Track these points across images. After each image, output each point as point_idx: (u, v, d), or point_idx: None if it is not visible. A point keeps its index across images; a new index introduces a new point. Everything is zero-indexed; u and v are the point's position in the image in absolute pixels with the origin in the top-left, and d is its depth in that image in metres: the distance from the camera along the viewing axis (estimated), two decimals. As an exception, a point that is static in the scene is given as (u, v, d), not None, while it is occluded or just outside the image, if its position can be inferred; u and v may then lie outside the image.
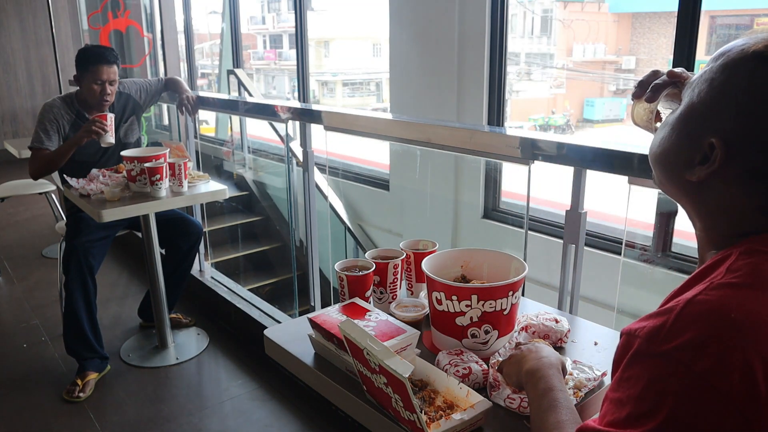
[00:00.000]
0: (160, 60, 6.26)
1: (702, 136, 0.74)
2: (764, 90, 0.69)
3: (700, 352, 0.63)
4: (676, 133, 0.79)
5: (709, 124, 0.74)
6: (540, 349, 1.00)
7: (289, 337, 1.30)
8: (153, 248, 2.79)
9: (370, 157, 5.20)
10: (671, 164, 0.79)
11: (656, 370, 0.66)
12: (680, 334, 0.65)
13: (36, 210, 5.35)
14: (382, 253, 1.44)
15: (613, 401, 0.70)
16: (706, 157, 0.74)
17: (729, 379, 0.62)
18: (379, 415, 1.03)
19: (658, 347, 0.66)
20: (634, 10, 6.03)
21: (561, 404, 0.87)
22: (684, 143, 0.77)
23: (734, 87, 0.72)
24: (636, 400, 0.66)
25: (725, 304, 0.65)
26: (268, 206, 5.08)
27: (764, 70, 0.70)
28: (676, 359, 0.64)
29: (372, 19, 9.44)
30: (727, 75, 0.73)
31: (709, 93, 0.74)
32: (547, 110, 7.02)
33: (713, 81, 0.74)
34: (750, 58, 0.71)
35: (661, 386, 0.65)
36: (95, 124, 2.51)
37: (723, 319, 0.64)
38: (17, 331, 3.24)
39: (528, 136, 1.67)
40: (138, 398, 2.62)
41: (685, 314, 0.66)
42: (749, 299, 0.65)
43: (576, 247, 1.63)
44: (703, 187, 0.76)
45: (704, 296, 0.67)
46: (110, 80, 2.67)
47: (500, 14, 3.54)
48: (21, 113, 7.44)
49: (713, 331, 0.64)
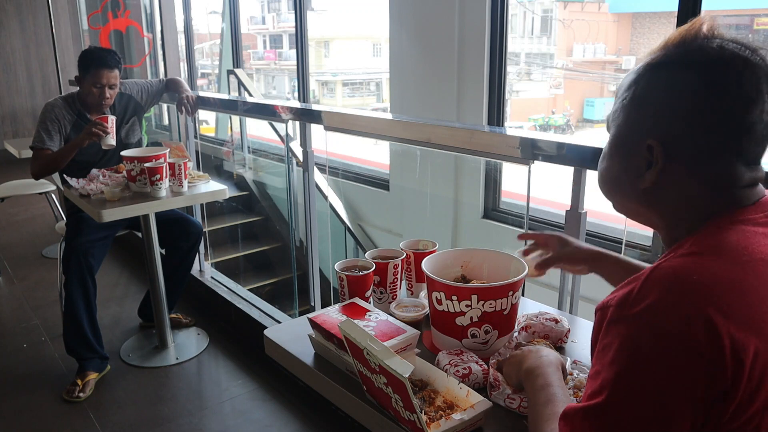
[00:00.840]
0: (160, 60, 6.26)
1: (639, 145, 0.80)
2: (675, 90, 0.77)
3: (668, 312, 0.67)
4: (616, 156, 0.85)
5: (641, 132, 0.80)
6: (540, 350, 1.02)
7: (289, 337, 1.30)
8: (153, 248, 2.79)
9: (370, 157, 5.20)
10: (623, 183, 0.84)
11: (626, 332, 0.69)
12: (647, 297, 0.69)
13: (36, 210, 5.35)
14: (382, 253, 1.44)
15: (591, 377, 0.73)
16: (650, 161, 0.79)
17: (696, 337, 0.65)
18: (379, 415, 1.03)
19: (628, 311, 0.70)
20: (634, 10, 6.03)
21: (558, 398, 0.88)
22: (626, 160, 0.83)
23: (650, 95, 0.79)
24: (609, 366, 0.70)
25: (688, 268, 0.70)
26: (268, 206, 5.08)
27: (667, 73, 0.78)
28: (644, 320, 0.68)
29: (372, 19, 9.45)
30: (641, 88, 0.81)
31: (631, 110, 0.82)
32: (547, 110, 7.02)
33: (633, 99, 0.81)
34: (653, 68, 0.80)
35: (631, 347, 0.69)
36: (96, 126, 2.51)
37: (686, 281, 0.68)
38: (17, 331, 3.24)
39: (528, 136, 1.67)
40: (138, 398, 2.62)
41: (651, 279, 0.70)
42: (710, 264, 0.70)
43: (576, 247, 1.63)
44: (657, 188, 0.80)
45: (668, 263, 0.72)
46: (110, 84, 2.67)
47: (500, 14, 3.54)
48: (21, 113, 7.44)
49: (678, 293, 0.68)
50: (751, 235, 0.74)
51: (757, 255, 0.72)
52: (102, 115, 2.60)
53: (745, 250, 0.72)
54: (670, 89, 0.77)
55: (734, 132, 0.75)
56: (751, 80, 0.73)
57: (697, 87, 0.75)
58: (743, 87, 0.73)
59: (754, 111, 0.74)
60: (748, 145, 0.76)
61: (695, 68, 0.75)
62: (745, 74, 0.73)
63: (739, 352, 0.66)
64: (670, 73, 0.78)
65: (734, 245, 0.72)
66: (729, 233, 0.74)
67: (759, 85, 0.74)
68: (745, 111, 0.74)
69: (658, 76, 0.79)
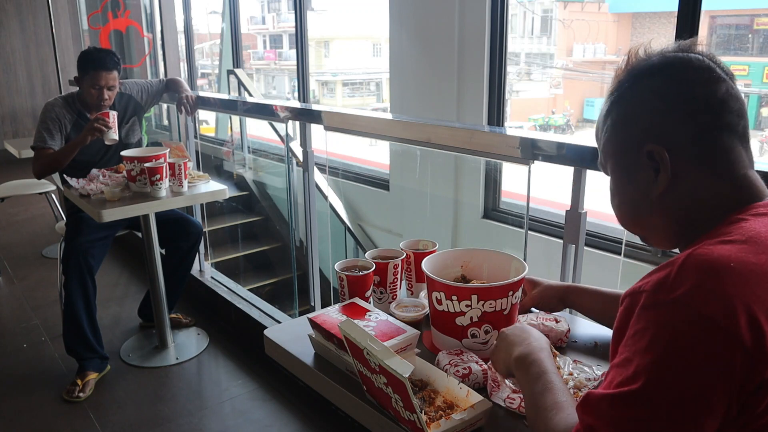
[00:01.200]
0: (160, 60, 6.26)
1: (639, 160, 0.83)
2: (646, 97, 0.83)
3: (708, 297, 0.66)
4: (624, 183, 0.88)
5: (635, 148, 0.83)
6: (527, 335, 0.99)
7: (289, 337, 1.30)
8: (153, 248, 2.79)
9: (370, 157, 5.20)
10: (641, 202, 0.86)
11: (665, 317, 0.68)
12: (685, 282, 0.68)
13: (36, 210, 5.35)
14: (382, 253, 1.44)
15: (619, 364, 0.71)
16: (656, 167, 0.82)
17: (737, 321, 0.65)
18: (379, 415, 1.03)
19: (665, 296, 0.69)
20: (634, 10, 6.03)
21: (556, 386, 0.87)
22: (634, 181, 0.86)
23: (628, 114, 0.85)
24: (643, 352, 0.68)
25: (724, 255, 0.70)
26: (268, 206, 5.08)
27: (631, 92, 0.85)
28: (684, 304, 0.67)
29: (372, 19, 9.45)
30: (616, 114, 0.86)
31: (617, 136, 0.87)
32: (547, 110, 7.02)
33: (614, 126, 0.86)
34: (617, 98, 0.86)
35: (671, 333, 0.67)
36: (98, 122, 2.52)
37: (725, 267, 0.68)
38: (17, 331, 3.24)
39: (528, 136, 1.67)
40: (138, 398, 2.62)
41: (688, 264, 0.70)
42: (744, 251, 0.71)
43: (576, 247, 1.63)
44: (673, 188, 0.82)
45: (703, 249, 0.72)
46: (108, 86, 2.67)
47: (500, 14, 3.54)
48: (21, 113, 7.44)
49: (716, 278, 0.67)
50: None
51: None
52: (103, 111, 2.60)
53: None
54: (642, 98, 0.84)
55: (713, 110, 0.80)
56: (702, 68, 0.81)
57: (663, 87, 0.82)
58: (698, 73, 0.81)
59: (720, 89, 0.80)
60: (730, 117, 0.81)
61: (653, 75, 0.83)
62: (694, 66, 0.82)
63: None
64: (634, 91, 0.85)
65: (763, 235, 0.73)
66: (754, 224, 0.75)
67: (710, 69, 0.81)
68: (712, 90, 0.80)
69: (625, 98, 0.86)
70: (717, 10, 4.47)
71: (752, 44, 4.60)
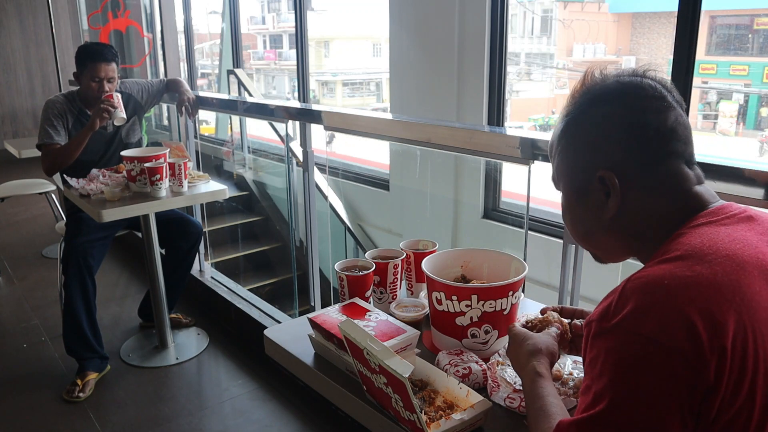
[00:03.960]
0: (160, 60, 6.26)
1: (590, 182, 0.86)
2: (599, 124, 0.85)
3: (644, 318, 0.71)
4: (575, 204, 0.90)
5: (587, 171, 0.86)
6: (534, 349, 0.97)
7: (289, 337, 1.30)
8: (153, 248, 2.79)
9: (370, 157, 5.20)
10: (592, 223, 0.89)
11: (609, 343, 0.72)
12: (624, 307, 0.72)
13: (36, 210, 5.35)
14: (382, 253, 1.44)
15: (582, 392, 0.76)
16: (607, 192, 0.85)
17: (675, 336, 0.68)
18: (379, 415, 1.03)
19: (608, 323, 0.73)
20: (634, 10, 6.03)
21: (551, 411, 0.87)
22: (585, 202, 0.88)
23: (580, 137, 0.87)
24: (597, 378, 0.73)
25: (658, 275, 0.74)
26: (268, 206, 5.08)
27: (586, 116, 0.87)
28: (623, 329, 0.71)
29: (372, 19, 9.45)
30: (570, 135, 0.89)
31: (569, 158, 0.89)
32: (547, 110, 7.02)
33: (567, 148, 0.89)
34: (572, 118, 0.88)
35: (616, 356, 0.71)
36: (104, 103, 2.54)
37: (658, 286, 0.72)
38: (17, 331, 3.24)
39: (528, 136, 1.67)
40: (138, 398, 2.62)
41: (626, 290, 0.74)
42: (678, 267, 0.74)
43: (576, 247, 1.63)
44: (623, 212, 0.85)
45: (640, 273, 0.76)
46: (108, 78, 2.67)
47: (500, 14, 3.54)
48: (21, 113, 7.44)
49: (651, 298, 0.71)
50: (714, 234, 0.78)
51: (722, 252, 0.75)
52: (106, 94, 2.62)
53: (709, 250, 0.75)
54: (594, 124, 0.86)
55: (663, 138, 0.83)
56: (654, 96, 0.84)
57: (616, 113, 0.84)
58: (650, 101, 0.83)
59: (669, 117, 0.83)
60: (678, 145, 0.84)
61: (607, 101, 0.85)
62: (647, 94, 0.84)
63: (720, 339, 0.68)
64: (589, 115, 0.87)
65: (698, 247, 0.76)
66: (691, 238, 0.78)
67: (661, 98, 0.84)
68: (663, 118, 0.83)
69: (580, 121, 0.88)
70: (717, 10, 4.46)
71: (752, 44, 4.60)
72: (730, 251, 0.75)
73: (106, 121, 2.58)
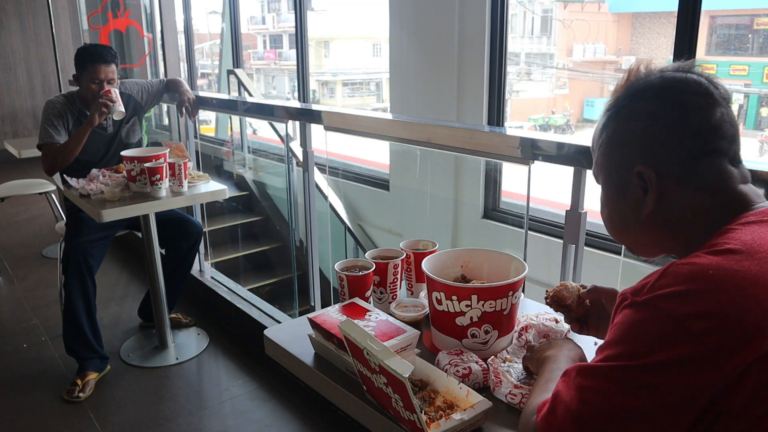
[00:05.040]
0: (160, 60, 6.26)
1: (629, 178, 0.86)
2: (642, 119, 0.84)
3: (679, 300, 0.70)
4: (613, 198, 0.90)
5: (626, 166, 0.86)
6: (564, 343, 1.06)
7: (289, 337, 1.30)
8: (153, 248, 2.78)
9: (370, 157, 5.20)
10: (630, 219, 0.89)
11: (637, 315, 0.73)
12: (662, 287, 0.73)
13: (36, 210, 5.35)
14: (382, 253, 1.44)
15: (597, 350, 0.78)
16: (645, 188, 0.84)
17: (705, 324, 0.68)
18: (379, 415, 1.03)
19: (641, 297, 0.73)
20: (634, 10, 6.03)
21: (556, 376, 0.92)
22: (624, 197, 0.88)
23: (622, 132, 0.87)
24: (615, 343, 0.74)
25: (704, 264, 0.73)
26: (268, 206, 5.08)
27: (629, 110, 0.86)
28: (655, 306, 0.72)
29: (372, 19, 9.45)
30: (612, 130, 0.88)
31: (610, 152, 0.88)
32: (547, 110, 7.02)
33: (608, 142, 0.88)
34: (616, 112, 0.87)
35: (640, 329, 0.72)
36: (102, 98, 2.55)
37: (702, 276, 0.71)
38: (17, 331, 3.24)
39: (528, 136, 1.67)
40: (138, 398, 2.62)
41: (668, 272, 0.74)
42: (727, 260, 0.73)
43: (576, 247, 1.63)
44: (661, 209, 0.84)
45: (686, 260, 0.76)
46: (108, 79, 2.67)
47: (500, 14, 3.54)
48: (21, 113, 7.44)
49: (692, 285, 0.71)
50: (764, 233, 0.76)
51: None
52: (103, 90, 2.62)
53: (760, 248, 0.74)
54: (636, 120, 0.85)
55: (706, 135, 0.82)
56: (699, 93, 0.82)
57: (658, 109, 0.83)
58: (694, 98, 0.82)
59: (714, 114, 0.82)
60: (722, 143, 0.82)
61: (649, 97, 0.84)
62: (691, 90, 0.82)
63: (756, 341, 0.67)
64: (632, 110, 0.86)
65: (749, 243, 0.75)
66: (742, 234, 0.77)
67: (706, 94, 0.82)
68: (706, 116, 0.81)
69: (621, 115, 0.87)
70: (717, 10, 4.46)
71: (752, 44, 4.60)
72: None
73: (106, 116, 2.58)
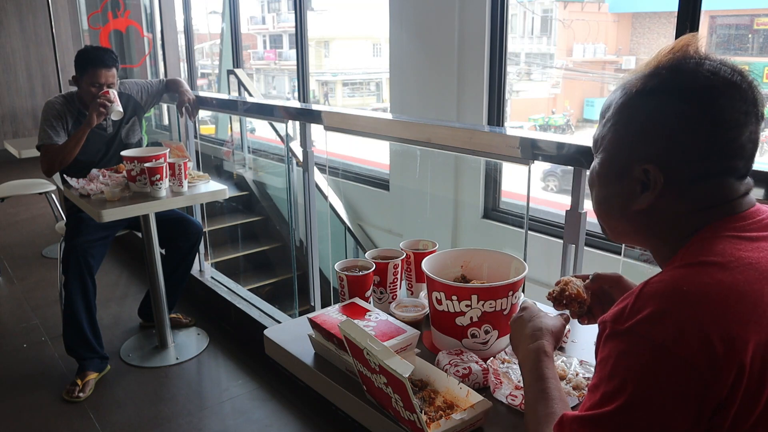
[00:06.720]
0: (160, 60, 6.26)
1: (632, 169, 0.81)
2: (671, 117, 0.77)
3: (659, 324, 0.68)
4: (607, 179, 0.85)
5: (635, 157, 0.80)
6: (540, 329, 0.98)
7: (289, 337, 1.30)
8: (153, 248, 2.78)
9: (370, 157, 5.20)
10: (615, 207, 0.85)
11: (621, 346, 0.71)
12: (640, 311, 0.70)
13: (36, 210, 5.35)
14: (382, 253, 1.44)
15: (590, 389, 0.75)
16: (645, 184, 0.80)
17: (689, 346, 0.66)
18: (379, 415, 1.03)
19: (622, 326, 0.71)
20: (634, 10, 6.03)
21: (551, 395, 0.88)
22: (618, 183, 0.83)
23: (645, 120, 0.80)
24: (607, 380, 0.72)
25: (677, 280, 0.72)
26: (268, 206, 5.08)
27: (660, 101, 0.78)
28: (637, 333, 0.70)
29: (372, 19, 9.44)
30: (634, 112, 0.81)
31: (623, 134, 0.82)
32: (547, 110, 7.02)
33: (626, 124, 0.82)
34: (647, 93, 0.79)
35: (627, 361, 0.70)
36: (100, 99, 2.56)
37: (676, 293, 0.70)
38: (17, 331, 3.24)
39: (528, 136, 1.67)
40: (138, 398, 2.62)
41: (643, 294, 0.72)
42: (699, 273, 0.72)
43: (576, 247, 1.63)
44: (652, 210, 0.81)
45: (659, 277, 0.74)
46: (108, 83, 2.67)
47: (500, 14, 3.54)
48: (21, 113, 7.43)
49: (668, 305, 0.69)
50: (737, 242, 0.75)
51: (744, 260, 0.72)
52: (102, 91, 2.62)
53: (732, 257, 0.73)
54: (665, 116, 0.78)
55: (728, 155, 0.77)
56: (741, 106, 0.76)
57: (693, 115, 0.76)
58: (734, 112, 0.76)
59: (744, 133, 0.77)
60: (740, 163, 0.79)
61: (690, 96, 0.77)
62: (736, 100, 0.76)
63: (738, 353, 0.66)
64: (664, 101, 0.78)
65: (721, 253, 0.73)
66: (715, 243, 0.75)
67: (747, 109, 0.76)
68: (737, 135, 0.76)
69: (653, 102, 0.79)
70: (717, 10, 4.46)
71: (752, 44, 4.59)
72: (754, 259, 0.73)
73: (104, 116, 2.58)
